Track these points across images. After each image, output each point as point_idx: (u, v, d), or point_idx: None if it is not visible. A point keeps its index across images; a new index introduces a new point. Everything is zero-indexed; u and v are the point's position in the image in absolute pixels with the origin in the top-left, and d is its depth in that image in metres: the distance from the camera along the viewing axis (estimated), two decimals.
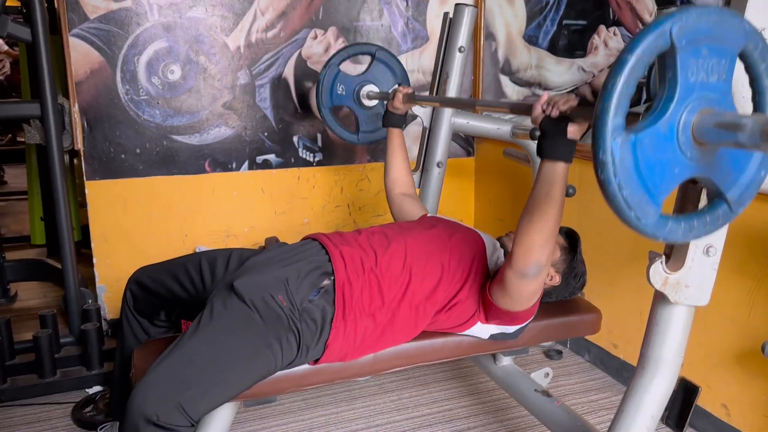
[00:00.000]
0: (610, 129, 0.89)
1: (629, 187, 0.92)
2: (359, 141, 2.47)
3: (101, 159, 2.63)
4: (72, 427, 2.14)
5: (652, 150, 0.93)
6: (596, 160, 0.92)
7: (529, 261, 1.40)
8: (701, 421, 2.06)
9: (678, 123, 0.93)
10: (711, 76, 0.95)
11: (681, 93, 0.93)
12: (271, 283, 1.50)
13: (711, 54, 0.94)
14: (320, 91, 2.40)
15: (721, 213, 1.03)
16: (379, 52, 2.41)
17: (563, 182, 1.34)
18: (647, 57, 0.90)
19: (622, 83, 0.89)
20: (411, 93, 2.02)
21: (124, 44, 2.58)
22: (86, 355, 2.38)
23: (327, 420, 2.18)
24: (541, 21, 3.18)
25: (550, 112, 1.29)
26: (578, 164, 2.52)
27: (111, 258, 2.70)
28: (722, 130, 0.89)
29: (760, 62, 0.98)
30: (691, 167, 0.97)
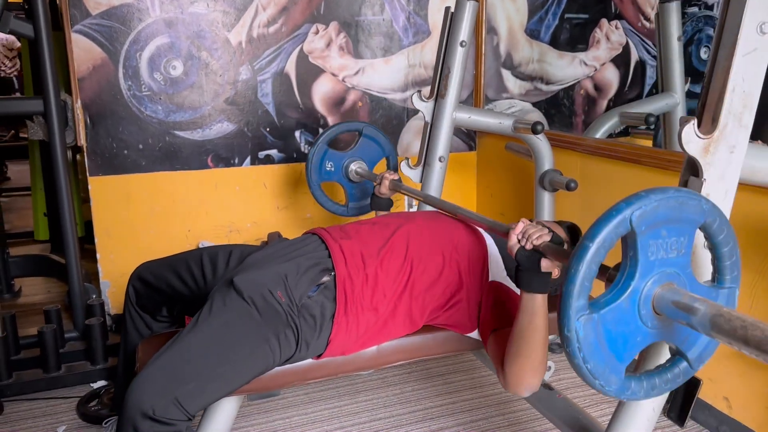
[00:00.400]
0: (574, 310, 0.97)
1: (593, 360, 0.99)
2: (348, 213, 2.60)
3: (104, 155, 2.63)
4: (77, 422, 2.15)
5: (614, 323, 1.00)
6: (561, 336, 1.00)
7: (522, 386, 1.41)
8: (703, 414, 2.07)
9: (639, 297, 1.01)
10: (670, 253, 1.02)
11: (642, 270, 0.99)
12: (270, 279, 1.50)
13: (670, 234, 1.01)
14: (309, 169, 2.51)
15: (681, 370, 1.10)
16: (366, 129, 2.55)
17: (544, 312, 1.36)
18: (608, 244, 0.97)
19: (584, 269, 0.96)
20: (397, 180, 2.12)
21: (126, 40, 2.58)
22: (90, 350, 2.39)
23: (330, 413, 2.19)
24: (543, 15, 3.17)
25: (524, 244, 1.32)
26: (580, 158, 2.52)
27: (114, 253, 2.71)
28: (678, 310, 0.97)
29: (719, 234, 1.05)
30: (653, 335, 1.04)
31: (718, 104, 1.14)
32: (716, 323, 0.88)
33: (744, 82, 1.13)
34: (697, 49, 3.14)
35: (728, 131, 1.15)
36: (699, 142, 1.14)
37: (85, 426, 2.12)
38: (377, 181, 2.15)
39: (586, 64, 3.25)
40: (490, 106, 3.16)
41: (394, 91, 3.04)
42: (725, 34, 1.15)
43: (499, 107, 3.17)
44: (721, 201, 1.18)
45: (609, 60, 3.26)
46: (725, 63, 1.13)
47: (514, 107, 3.21)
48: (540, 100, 3.25)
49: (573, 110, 3.29)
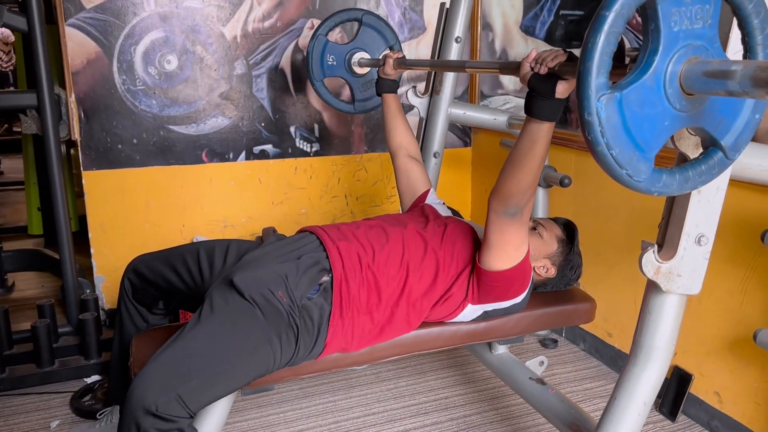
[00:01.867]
0: (594, 89, 0.87)
1: (618, 146, 0.89)
2: (356, 110, 2.44)
3: (98, 149, 2.63)
4: (71, 416, 2.15)
5: (639, 105, 0.90)
6: (582, 121, 0.89)
7: (510, 203, 1.44)
8: (694, 409, 2.08)
9: (664, 75, 0.90)
10: (695, 23, 0.91)
11: (665, 44, 0.89)
12: (270, 278, 1.49)
13: (694, 0, 0.90)
14: (310, 63, 2.35)
15: (716, 161, 1.00)
16: (365, 17, 2.35)
17: (547, 140, 1.34)
18: (626, 11, 0.87)
19: (603, 41, 0.86)
20: (402, 57, 2.02)
21: (121, 34, 2.57)
22: (84, 344, 2.39)
23: (325, 408, 2.20)
24: (538, 11, 3.17)
25: (538, 70, 1.27)
26: (574, 154, 2.53)
27: (108, 248, 2.71)
28: (711, 78, 0.86)
29: (747, 3, 0.94)
30: (682, 118, 0.94)
31: None
32: (758, 76, 0.77)
33: None
34: None
35: None
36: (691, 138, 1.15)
37: (79, 420, 2.12)
38: (381, 62, 2.05)
39: None
40: (485, 103, 3.17)
41: None
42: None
43: (494, 103, 3.18)
44: (712, 197, 1.19)
45: None
46: None
47: (509, 103, 3.21)
48: None
49: (568, 106, 3.30)
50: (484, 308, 1.66)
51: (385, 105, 2.07)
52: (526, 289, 1.65)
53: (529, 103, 1.30)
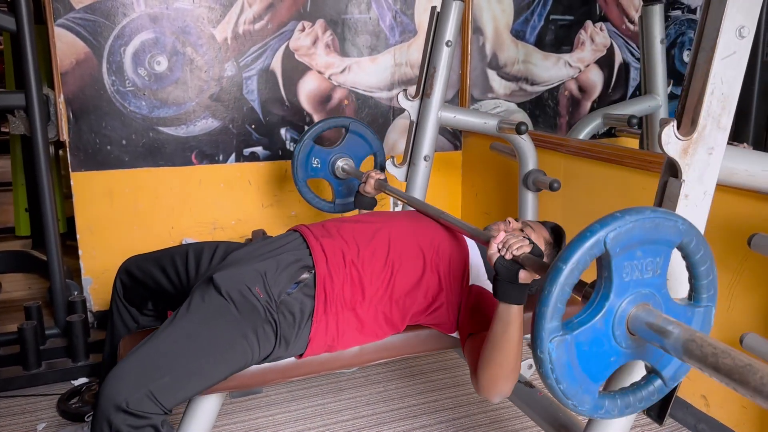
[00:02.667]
0: (547, 331, 0.97)
1: (565, 381, 0.99)
2: (335, 210, 2.58)
3: (87, 150, 2.61)
4: (57, 419, 2.13)
5: (588, 344, 1.00)
6: (534, 357, 0.99)
7: (494, 391, 1.42)
8: (681, 412, 2.10)
9: (614, 318, 1.00)
10: (646, 273, 1.01)
11: (616, 291, 0.99)
12: (249, 275, 1.50)
13: (646, 254, 1.00)
14: (295, 166, 2.50)
15: (656, 387, 1.09)
16: (352, 125, 2.53)
17: (519, 322, 1.37)
18: (582, 265, 0.96)
19: (557, 291, 0.96)
20: (382, 180, 2.10)
21: (110, 35, 2.56)
22: (72, 346, 2.37)
23: (314, 411, 2.20)
24: (529, 16, 3.19)
25: (504, 254, 1.32)
26: (562, 158, 2.54)
27: (97, 250, 2.69)
28: (652, 331, 0.96)
29: (696, 253, 1.04)
30: (627, 354, 1.03)
31: (698, 106, 1.16)
32: (688, 348, 0.88)
33: (723, 85, 1.15)
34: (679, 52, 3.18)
35: (707, 133, 1.17)
36: (678, 143, 1.16)
37: (66, 423, 2.11)
38: (363, 179, 2.14)
39: (571, 65, 3.28)
40: (475, 106, 3.18)
41: (380, 89, 3.04)
42: (705, 38, 1.16)
43: (484, 107, 3.19)
44: (699, 202, 1.19)
45: (593, 62, 3.29)
46: (704, 66, 1.15)
47: (499, 107, 3.23)
48: (525, 101, 3.27)
49: (557, 111, 3.32)
50: None
51: None
52: None
53: (495, 287, 1.36)
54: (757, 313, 1.81)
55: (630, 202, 2.19)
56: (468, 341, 1.55)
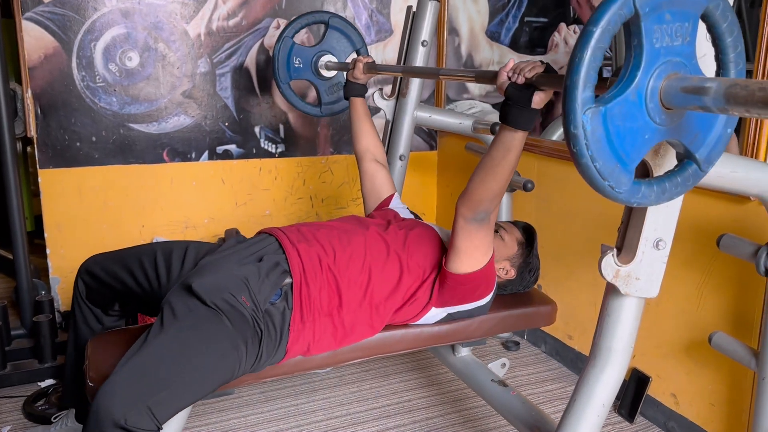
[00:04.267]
0: (580, 102, 0.90)
1: (602, 158, 0.93)
2: (322, 113, 2.43)
3: (55, 147, 2.56)
4: (23, 422, 2.08)
5: (622, 119, 0.93)
6: (568, 134, 0.92)
7: (479, 209, 1.46)
8: (651, 410, 2.12)
9: (646, 90, 0.94)
10: (675, 40, 0.95)
11: (647, 60, 0.93)
12: (231, 282, 1.47)
13: (674, 18, 0.94)
14: (276, 66, 2.34)
15: (691, 173, 1.04)
16: (332, 20, 2.36)
17: (520, 149, 1.37)
18: (612, 27, 0.90)
19: (589, 56, 0.89)
20: (371, 62, 2.02)
21: (80, 29, 2.51)
22: (38, 347, 2.32)
23: (287, 412, 2.18)
24: (504, 17, 3.21)
25: (515, 80, 1.29)
26: (537, 159, 2.56)
27: (65, 248, 2.64)
28: (688, 94, 0.90)
29: (722, 21, 0.98)
30: (661, 132, 0.97)
31: None
32: (732, 93, 0.82)
33: None
34: None
35: None
36: None
37: (32, 426, 2.06)
38: (351, 65, 2.05)
39: None
40: (451, 107, 3.19)
41: None
42: None
43: (459, 108, 3.20)
44: (670, 202, 1.21)
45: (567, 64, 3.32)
46: None
47: (474, 108, 3.24)
48: (500, 102, 3.28)
49: None
50: (448, 310, 1.67)
51: (352, 109, 2.07)
52: (491, 292, 1.66)
53: (504, 112, 1.32)
54: (725, 312, 1.85)
55: (603, 203, 2.21)
56: None
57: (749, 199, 1.72)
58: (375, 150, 2.03)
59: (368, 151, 2.02)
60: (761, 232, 1.68)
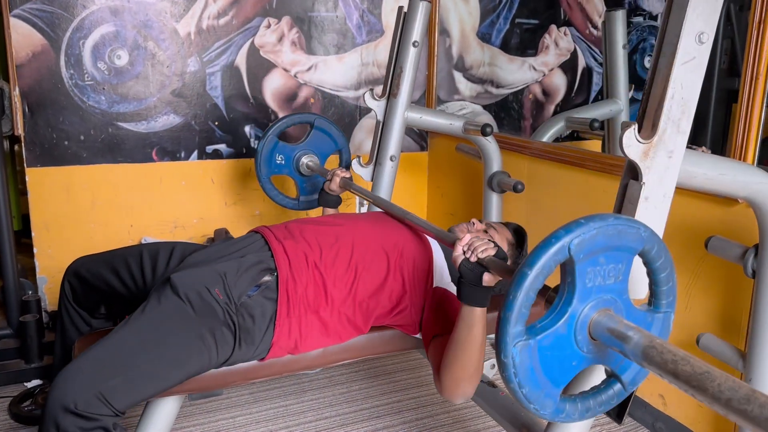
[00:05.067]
0: (511, 336, 0.98)
1: (528, 385, 1.01)
2: (299, 207, 2.55)
3: (43, 145, 2.54)
4: (8, 422, 2.06)
5: (551, 348, 1.01)
6: (498, 361, 1.01)
7: (457, 393, 1.43)
8: (639, 411, 2.13)
9: (576, 323, 1.02)
10: (608, 279, 1.03)
11: (579, 297, 1.01)
12: (208, 276, 1.47)
13: (608, 260, 1.02)
14: (259, 162, 2.46)
15: (616, 391, 1.11)
16: (317, 121, 2.51)
17: (483, 324, 1.37)
18: (547, 270, 0.97)
19: (522, 296, 0.97)
20: (348, 178, 2.08)
21: (69, 27, 2.49)
22: (25, 347, 2.30)
23: (276, 413, 2.17)
24: (495, 19, 3.22)
25: (468, 256, 1.33)
26: (527, 161, 2.57)
27: (53, 248, 2.62)
28: (613, 337, 0.98)
29: (657, 260, 1.06)
30: (588, 359, 1.05)
31: (658, 110, 1.18)
32: (648, 354, 0.90)
33: (682, 89, 1.17)
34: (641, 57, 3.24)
35: (667, 137, 1.19)
36: (639, 146, 1.18)
37: (18, 427, 2.04)
38: (328, 177, 2.11)
39: (535, 69, 3.31)
40: (441, 107, 3.19)
41: (346, 88, 3.03)
42: (666, 43, 1.18)
43: (450, 108, 3.20)
44: (659, 204, 1.21)
45: (557, 66, 3.33)
46: (665, 71, 1.17)
47: (465, 109, 3.25)
48: (490, 103, 3.29)
49: (521, 114, 3.35)
50: None
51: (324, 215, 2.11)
52: None
53: (459, 290, 1.36)
54: (713, 314, 1.86)
55: (592, 204, 2.22)
56: (432, 343, 1.54)
57: (737, 201, 1.73)
58: None
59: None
60: (749, 234, 1.70)
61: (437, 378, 1.45)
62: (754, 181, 1.42)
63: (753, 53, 1.65)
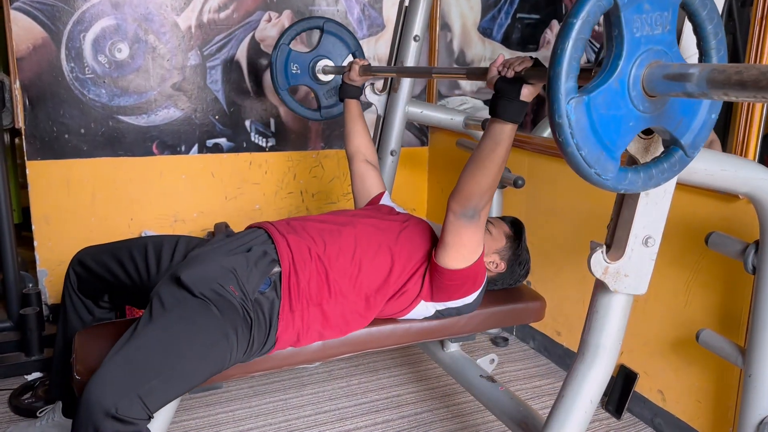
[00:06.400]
0: (564, 92, 0.92)
1: (587, 147, 0.94)
2: (322, 117, 2.46)
3: (43, 138, 2.53)
4: (9, 415, 2.07)
5: (605, 107, 0.95)
6: (553, 123, 0.94)
7: (468, 205, 1.46)
8: (638, 407, 2.14)
9: (628, 78, 0.95)
10: (655, 29, 0.96)
11: (628, 49, 0.94)
12: (219, 273, 1.47)
13: (653, 7, 0.95)
14: (275, 73, 2.37)
15: (677, 159, 1.06)
16: (327, 24, 2.39)
17: (510, 142, 1.38)
18: (592, 18, 0.91)
19: (571, 47, 0.91)
20: (367, 64, 2.05)
21: (70, 20, 2.48)
22: (25, 340, 2.30)
23: (275, 407, 2.17)
24: (496, 13, 3.21)
25: (505, 74, 1.32)
26: (527, 156, 2.56)
27: (53, 241, 2.62)
28: (671, 81, 0.91)
29: (702, 9, 1.00)
30: (645, 119, 0.99)
31: None
32: (712, 78, 0.84)
33: None
34: None
35: None
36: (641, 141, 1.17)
37: (18, 419, 2.04)
38: (347, 68, 2.07)
39: None
40: (442, 102, 3.18)
41: None
42: None
43: (451, 103, 3.20)
44: (659, 200, 1.21)
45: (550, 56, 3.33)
46: None
47: (466, 104, 3.24)
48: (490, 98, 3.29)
49: None
50: (436, 307, 1.67)
51: (346, 110, 2.09)
52: (478, 289, 1.66)
53: (494, 105, 1.34)
54: (713, 310, 1.86)
55: (593, 200, 2.22)
56: None
57: (738, 197, 1.73)
58: (366, 151, 2.05)
59: (359, 152, 2.05)
60: (749, 230, 1.69)
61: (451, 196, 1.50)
62: (755, 177, 1.42)
63: (755, 49, 1.64)
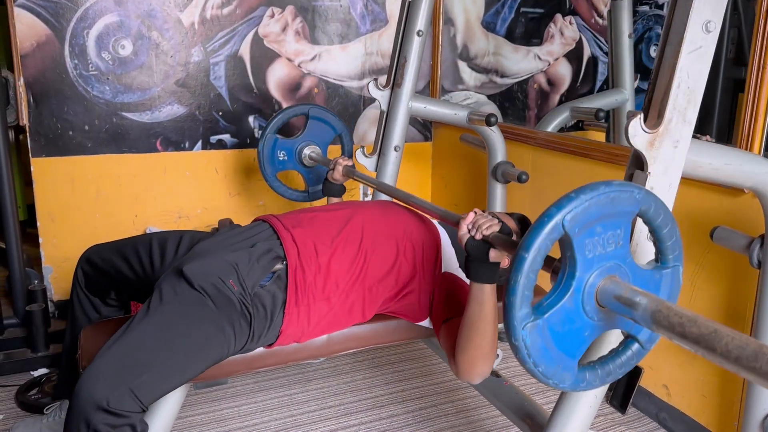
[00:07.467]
0: (518, 320, 0.98)
1: (543, 363, 1.01)
2: (310, 198, 2.54)
3: (48, 135, 2.54)
4: (15, 411, 2.08)
5: (560, 324, 1.00)
6: (511, 345, 1.00)
7: (474, 373, 1.43)
8: (643, 401, 2.14)
9: (582, 294, 1.01)
10: (608, 247, 1.01)
11: (581, 269, 0.99)
12: (221, 267, 1.47)
13: (606, 229, 1.00)
14: (262, 162, 2.45)
15: (634, 351, 1.09)
16: (312, 110, 2.48)
17: (493, 301, 1.38)
18: (544, 250, 0.96)
19: (523, 279, 0.97)
20: (351, 166, 2.07)
21: (73, 17, 2.49)
22: (31, 336, 2.31)
23: (280, 402, 2.18)
24: (500, 8, 3.20)
25: (474, 234, 1.33)
26: (532, 151, 2.56)
27: (58, 238, 2.63)
28: (620, 303, 0.97)
29: (656, 218, 1.05)
30: (601, 327, 1.04)
31: (664, 100, 1.17)
32: (656, 319, 0.89)
33: (689, 79, 1.16)
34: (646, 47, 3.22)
35: (673, 126, 1.18)
36: (645, 136, 1.17)
37: (24, 415, 2.06)
38: (331, 166, 2.11)
39: (540, 58, 3.30)
40: (445, 97, 3.18)
41: (350, 78, 3.02)
42: (672, 32, 1.17)
43: (454, 98, 3.19)
44: (664, 194, 1.21)
45: (562, 55, 3.31)
46: (671, 60, 1.16)
47: (469, 99, 3.23)
48: (495, 93, 3.28)
49: (526, 104, 3.34)
50: None
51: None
52: None
53: (467, 267, 1.37)
54: (718, 304, 1.85)
55: None
56: (443, 328, 1.55)
57: (743, 191, 1.72)
58: None
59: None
60: (755, 224, 1.69)
61: (452, 361, 1.46)
62: (761, 171, 1.42)
63: (760, 42, 1.64)
